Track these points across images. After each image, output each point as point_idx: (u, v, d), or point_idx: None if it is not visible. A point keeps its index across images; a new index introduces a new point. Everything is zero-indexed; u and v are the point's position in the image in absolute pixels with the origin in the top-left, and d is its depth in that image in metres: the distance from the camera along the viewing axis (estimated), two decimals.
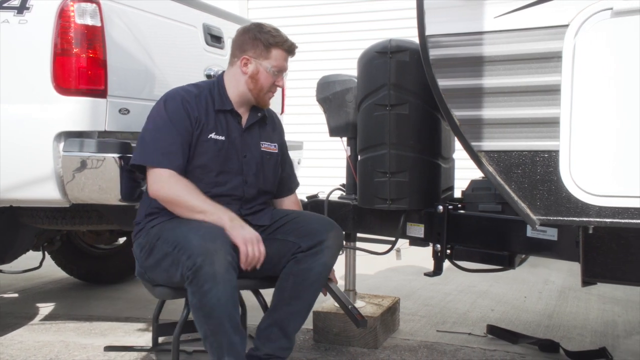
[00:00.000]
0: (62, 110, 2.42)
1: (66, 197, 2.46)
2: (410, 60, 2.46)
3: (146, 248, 2.14)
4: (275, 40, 2.23)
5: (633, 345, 2.80)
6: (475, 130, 1.91)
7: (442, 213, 2.53)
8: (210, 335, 1.96)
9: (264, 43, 2.23)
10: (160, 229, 2.12)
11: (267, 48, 2.23)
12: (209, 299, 1.90)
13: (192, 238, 1.94)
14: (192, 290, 1.92)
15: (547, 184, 1.82)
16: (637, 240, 2.02)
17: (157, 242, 2.09)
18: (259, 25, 2.27)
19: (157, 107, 2.22)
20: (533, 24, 1.79)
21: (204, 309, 1.92)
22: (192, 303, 1.95)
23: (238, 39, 2.30)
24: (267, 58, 2.24)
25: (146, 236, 2.16)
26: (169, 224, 2.11)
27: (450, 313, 3.29)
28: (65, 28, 2.39)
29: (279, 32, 2.27)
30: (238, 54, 2.27)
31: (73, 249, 4.06)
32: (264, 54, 2.23)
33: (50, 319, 3.26)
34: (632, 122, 1.70)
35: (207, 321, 1.94)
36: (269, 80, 2.26)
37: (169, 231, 2.06)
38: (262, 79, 2.25)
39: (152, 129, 2.17)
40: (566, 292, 3.78)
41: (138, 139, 2.22)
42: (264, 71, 2.24)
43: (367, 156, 2.60)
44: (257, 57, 2.23)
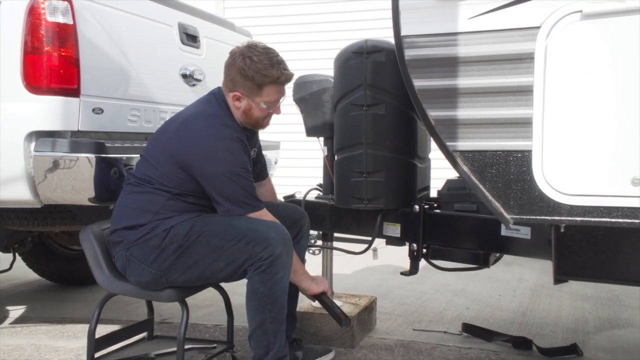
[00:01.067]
0: (34, 110, 2.38)
1: (38, 198, 2.41)
2: (387, 61, 2.47)
3: (171, 249, 2.08)
4: (265, 81, 2.14)
5: (602, 341, 2.86)
6: (450, 130, 1.93)
7: (418, 212, 2.55)
8: (269, 322, 2.09)
9: (254, 81, 2.14)
10: (195, 227, 2.09)
11: (259, 87, 2.15)
12: (280, 286, 2.08)
13: (265, 230, 2.07)
14: (262, 278, 2.05)
15: (521, 184, 1.85)
16: (606, 238, 2.07)
17: (197, 239, 2.08)
18: (249, 58, 2.13)
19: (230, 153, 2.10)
20: (506, 26, 1.82)
21: (272, 296, 2.07)
22: (258, 291, 2.06)
23: (228, 69, 2.20)
24: (260, 95, 2.17)
25: (167, 237, 2.10)
26: (208, 221, 2.11)
27: (427, 312, 3.32)
28: (36, 26, 2.35)
29: (270, 66, 2.13)
30: (230, 87, 2.19)
31: (45, 250, 3.98)
32: (255, 92, 2.16)
33: (21, 321, 3.20)
34: (602, 122, 1.74)
35: (271, 308, 2.08)
36: (263, 114, 2.23)
37: (222, 227, 2.08)
38: (256, 114, 2.21)
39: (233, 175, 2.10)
40: (539, 290, 3.84)
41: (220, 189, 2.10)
42: (256, 107, 2.19)
43: (343, 156, 2.60)
44: (249, 94, 2.17)
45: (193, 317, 3.17)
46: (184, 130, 2.14)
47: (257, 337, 2.14)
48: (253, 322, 2.13)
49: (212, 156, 2.09)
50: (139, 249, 2.13)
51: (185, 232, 2.10)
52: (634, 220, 1.73)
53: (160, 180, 2.15)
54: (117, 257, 2.20)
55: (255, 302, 2.10)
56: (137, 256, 2.14)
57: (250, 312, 2.13)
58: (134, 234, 2.14)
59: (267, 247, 2.04)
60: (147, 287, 2.18)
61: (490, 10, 1.83)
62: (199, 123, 2.15)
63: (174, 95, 3.02)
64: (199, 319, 3.15)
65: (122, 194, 2.26)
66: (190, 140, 2.12)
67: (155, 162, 2.17)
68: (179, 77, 3.05)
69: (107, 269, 2.22)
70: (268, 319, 2.10)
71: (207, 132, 2.12)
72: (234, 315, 2.47)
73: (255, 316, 2.12)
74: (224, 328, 2.90)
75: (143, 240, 2.13)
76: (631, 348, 2.77)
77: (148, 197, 2.16)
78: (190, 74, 3.07)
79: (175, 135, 2.16)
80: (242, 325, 3.01)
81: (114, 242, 2.21)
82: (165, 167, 2.15)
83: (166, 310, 3.35)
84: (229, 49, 3.57)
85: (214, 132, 2.12)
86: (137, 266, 2.14)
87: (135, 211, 2.16)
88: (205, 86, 3.23)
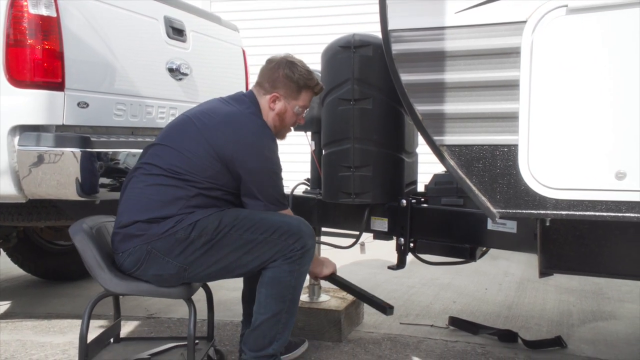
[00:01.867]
0: (17, 103, 2.35)
1: (22, 193, 2.39)
2: (374, 55, 2.47)
3: (200, 242, 2.08)
4: (308, 84, 2.30)
5: (586, 334, 2.89)
6: (437, 124, 1.93)
7: (406, 207, 2.56)
8: (284, 312, 2.15)
9: (297, 84, 2.28)
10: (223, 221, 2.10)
11: (299, 89, 2.29)
12: (303, 278, 2.19)
13: (297, 223, 2.16)
14: (291, 268, 2.12)
15: (507, 178, 1.86)
16: (591, 232, 2.08)
17: (229, 232, 2.10)
18: (292, 64, 2.29)
19: (273, 151, 2.23)
20: (492, 20, 1.82)
21: (297, 287, 2.15)
22: (283, 280, 2.12)
23: (268, 73, 2.30)
24: (296, 99, 2.31)
25: (194, 231, 2.08)
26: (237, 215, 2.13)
27: (414, 305, 3.34)
28: (18, 18, 2.32)
29: (311, 73, 2.32)
30: (268, 89, 2.29)
31: (31, 245, 3.95)
32: (294, 95, 2.30)
33: (6, 317, 3.17)
34: (587, 117, 1.75)
35: (291, 298, 2.15)
36: (293, 119, 2.35)
37: (253, 220, 2.13)
38: (288, 117, 2.33)
39: (273, 173, 2.24)
40: (525, 284, 3.88)
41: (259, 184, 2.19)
42: (291, 110, 2.31)
43: (331, 150, 2.60)
44: (287, 96, 2.29)
45: (180, 312, 3.17)
46: (230, 126, 2.18)
47: (267, 327, 2.14)
48: (268, 311, 2.14)
49: (260, 153, 2.18)
50: (164, 242, 2.08)
51: (215, 226, 2.10)
52: (617, 213, 1.74)
53: (192, 171, 2.13)
54: (132, 252, 2.10)
55: (276, 290, 2.13)
56: (160, 249, 2.08)
57: (267, 301, 2.13)
58: (158, 227, 2.08)
59: (300, 239, 2.12)
60: (165, 282, 2.12)
61: (477, 4, 1.84)
62: (245, 120, 2.21)
63: (160, 89, 3.00)
64: (186, 314, 3.13)
65: (138, 184, 2.16)
66: (239, 135, 2.16)
67: (190, 153, 2.15)
68: (165, 71, 3.03)
69: (108, 269, 2.11)
70: (285, 309, 2.14)
71: (256, 130, 2.20)
72: (215, 311, 2.45)
73: (272, 305, 2.13)
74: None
75: (169, 234, 2.08)
76: (614, 340, 2.81)
77: (174, 190, 2.12)
78: (176, 68, 3.05)
79: (219, 129, 2.18)
80: (229, 320, 3.01)
81: (127, 236, 2.10)
82: (202, 159, 2.14)
83: (153, 305, 3.34)
84: (215, 43, 3.58)
85: (262, 132, 2.22)
86: (160, 259, 2.08)
87: (160, 203, 2.11)
88: (192, 80, 3.21)
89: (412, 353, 2.61)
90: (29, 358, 2.55)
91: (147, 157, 2.21)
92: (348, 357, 2.56)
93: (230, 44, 3.70)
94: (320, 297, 2.89)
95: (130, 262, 2.11)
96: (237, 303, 3.18)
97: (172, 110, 3.08)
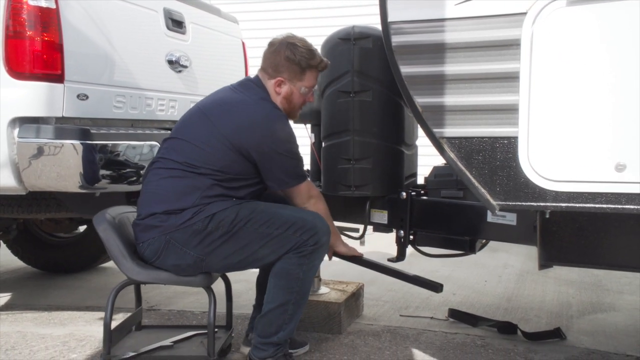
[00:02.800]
0: (17, 95, 2.35)
1: (22, 185, 2.39)
2: (374, 47, 2.47)
3: (217, 234, 2.11)
4: (310, 63, 2.28)
5: (585, 325, 2.90)
6: (437, 117, 1.93)
7: (405, 199, 2.56)
8: (291, 304, 2.18)
9: (300, 65, 2.27)
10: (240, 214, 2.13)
11: (302, 70, 2.28)
12: (313, 272, 2.21)
13: (312, 219, 2.18)
14: (301, 262, 2.15)
15: (507, 170, 1.86)
16: (590, 224, 2.09)
17: (245, 226, 2.13)
18: (293, 45, 2.27)
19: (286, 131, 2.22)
20: (492, 12, 1.81)
21: (305, 280, 2.18)
22: (292, 272, 2.16)
23: (271, 57, 2.30)
24: (301, 80, 2.29)
25: (211, 222, 2.11)
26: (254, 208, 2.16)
27: (413, 298, 3.35)
28: (17, 10, 2.31)
29: (313, 52, 2.29)
30: (272, 73, 2.29)
31: (31, 237, 3.96)
32: (299, 76, 2.29)
33: (6, 309, 3.18)
34: (586, 109, 1.75)
35: (299, 290, 2.18)
36: (301, 100, 2.34)
37: (269, 215, 2.16)
38: (295, 99, 2.32)
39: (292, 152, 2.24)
40: (524, 276, 3.89)
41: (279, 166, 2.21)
42: (297, 92, 2.30)
43: (331, 143, 2.60)
44: (292, 79, 2.28)
45: (181, 304, 3.18)
46: (242, 114, 2.20)
47: (273, 315, 2.19)
48: (276, 300, 2.18)
49: (274, 135, 2.18)
50: (182, 233, 2.13)
51: (232, 219, 2.13)
52: (617, 205, 1.74)
53: (207, 163, 2.16)
54: (151, 242, 2.15)
55: (285, 282, 2.17)
56: (179, 240, 2.13)
57: (275, 291, 2.18)
58: (177, 218, 2.13)
59: (314, 235, 2.14)
60: (183, 272, 2.17)
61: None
62: (255, 107, 2.22)
63: (159, 81, 3.00)
64: (186, 306, 3.15)
65: (155, 177, 2.22)
66: (250, 122, 2.18)
67: (203, 144, 2.18)
68: (165, 63, 3.02)
69: (131, 257, 2.17)
70: (292, 301, 2.18)
71: (266, 115, 2.21)
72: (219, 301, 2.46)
73: (280, 295, 2.18)
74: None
75: (186, 225, 2.12)
76: (613, 331, 2.82)
77: (189, 182, 2.16)
78: (176, 60, 3.05)
79: (230, 118, 2.20)
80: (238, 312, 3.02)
81: (147, 226, 2.16)
82: (216, 149, 2.16)
83: (153, 297, 3.35)
84: (215, 34, 3.57)
85: (272, 114, 2.22)
86: (179, 250, 2.13)
87: (176, 195, 2.15)
88: (191, 72, 3.21)
89: (411, 345, 2.62)
90: (29, 349, 2.56)
91: (163, 151, 2.26)
92: (348, 349, 2.57)
93: (229, 35, 3.70)
94: (320, 290, 2.90)
95: (151, 252, 2.17)
96: (241, 294, 3.21)
97: (171, 103, 3.07)
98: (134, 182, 2.60)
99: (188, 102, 3.18)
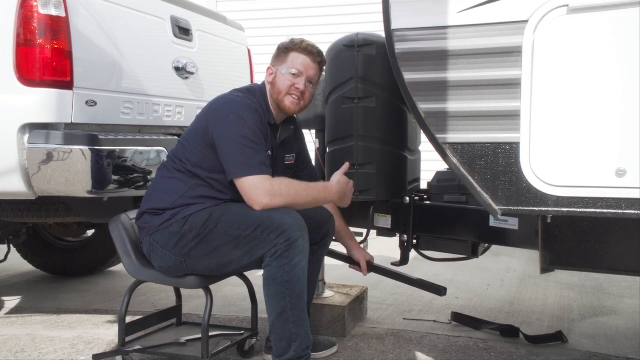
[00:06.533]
0: (27, 102, 2.39)
1: (32, 190, 2.43)
2: (377, 54, 2.50)
3: (190, 236, 2.14)
4: (290, 45, 2.33)
5: (587, 328, 2.92)
6: (440, 122, 1.96)
7: (409, 204, 2.59)
8: (289, 309, 2.10)
9: (281, 50, 2.35)
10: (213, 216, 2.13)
11: (284, 53, 2.33)
12: (297, 271, 2.08)
13: (280, 217, 2.07)
14: (280, 263, 2.06)
15: (509, 175, 1.88)
16: (591, 228, 2.11)
17: (215, 228, 2.12)
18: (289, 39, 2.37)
19: (237, 120, 2.16)
20: (494, 20, 1.84)
21: (291, 281, 2.07)
22: (276, 277, 2.07)
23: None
24: (284, 62, 2.33)
25: (186, 224, 2.14)
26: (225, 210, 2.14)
27: (417, 301, 3.37)
28: (28, 18, 2.36)
29: (302, 40, 2.35)
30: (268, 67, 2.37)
31: (40, 241, 4.00)
32: (282, 59, 2.34)
33: (16, 312, 3.22)
34: (587, 115, 1.78)
35: (290, 293, 2.09)
36: (286, 83, 2.30)
37: (238, 216, 2.11)
38: (280, 82, 2.31)
39: (244, 138, 2.14)
40: (526, 280, 3.90)
41: (226, 152, 2.13)
42: (280, 74, 2.32)
43: (335, 148, 2.63)
44: (277, 64, 2.34)
45: (187, 307, 3.21)
46: (213, 104, 2.29)
47: (279, 328, 2.12)
48: (274, 312, 2.12)
49: (227, 118, 2.17)
50: (161, 235, 2.18)
51: (204, 220, 2.14)
52: (617, 210, 1.76)
53: (188, 158, 2.22)
54: (143, 243, 2.26)
55: (274, 289, 2.09)
56: (159, 242, 2.19)
57: (269, 301, 2.12)
58: (158, 219, 2.20)
59: (283, 232, 2.06)
60: (170, 273, 2.22)
61: (479, 4, 1.86)
62: (227, 96, 2.29)
63: (167, 87, 3.04)
64: (193, 309, 3.18)
65: (155, 178, 2.37)
66: (214, 108, 2.25)
67: (188, 142, 2.26)
68: (172, 69, 3.06)
69: (135, 257, 2.27)
70: (288, 306, 2.10)
71: (228, 99, 2.26)
72: (221, 306, 2.51)
73: (275, 304, 2.11)
74: (216, 318, 2.94)
75: (165, 227, 2.18)
76: (614, 335, 2.84)
77: (174, 182, 2.22)
78: (183, 66, 3.09)
79: (205, 111, 2.29)
80: (234, 315, 3.06)
81: (139, 227, 2.28)
82: (195, 144, 2.22)
83: (160, 301, 3.38)
84: (221, 42, 3.62)
85: (233, 99, 2.25)
86: (160, 252, 2.20)
87: (160, 194, 2.23)
88: (198, 79, 3.25)
89: (415, 348, 2.64)
90: (38, 352, 2.60)
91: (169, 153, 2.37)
92: (352, 352, 2.59)
93: (235, 43, 3.74)
94: (324, 293, 2.93)
95: (145, 253, 2.26)
96: (243, 299, 3.23)
97: (178, 109, 3.11)
98: (141, 187, 2.64)
99: (195, 108, 3.22)
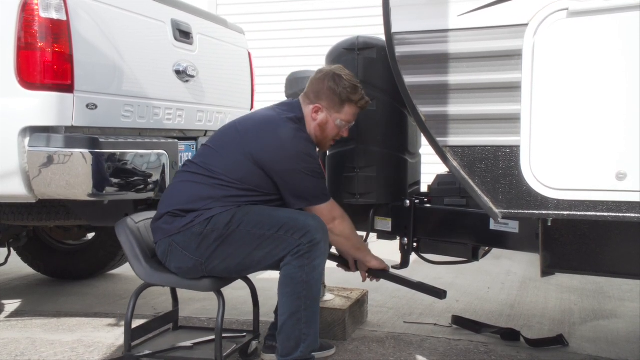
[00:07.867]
0: (28, 105, 2.39)
1: (32, 193, 2.43)
2: (378, 57, 2.50)
3: (213, 237, 2.14)
4: (351, 98, 2.31)
5: (587, 332, 2.92)
6: (440, 125, 1.96)
7: (409, 207, 2.59)
8: (303, 310, 2.13)
9: (340, 97, 2.30)
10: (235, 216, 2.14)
11: (341, 102, 2.31)
12: (317, 273, 2.14)
13: (304, 219, 2.15)
14: (300, 263, 2.11)
15: (509, 178, 1.88)
16: (592, 231, 2.11)
17: (237, 228, 2.14)
18: (338, 76, 2.31)
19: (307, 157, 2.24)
20: (494, 23, 1.85)
21: (309, 282, 2.12)
22: (295, 276, 2.11)
23: (316, 84, 2.35)
24: (339, 112, 2.33)
25: (209, 225, 2.15)
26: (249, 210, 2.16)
27: (417, 305, 3.36)
28: (29, 22, 2.36)
29: (356, 87, 2.32)
30: (312, 99, 2.34)
31: (40, 245, 4.00)
32: (337, 107, 2.32)
33: (16, 315, 3.22)
34: (587, 118, 1.78)
35: (306, 294, 2.12)
36: (335, 132, 2.36)
37: (262, 216, 2.15)
38: (329, 129, 2.35)
39: (313, 171, 2.25)
40: (527, 283, 3.90)
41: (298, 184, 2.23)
42: (332, 122, 2.33)
43: (335, 151, 2.64)
44: (330, 108, 2.32)
45: (187, 310, 3.21)
46: (265, 130, 2.25)
47: (289, 328, 2.14)
48: (287, 311, 2.14)
49: (292, 156, 2.21)
50: (182, 237, 2.18)
51: (227, 221, 2.15)
52: (618, 214, 1.77)
53: (226, 172, 2.21)
54: (160, 244, 2.24)
55: (291, 289, 2.12)
56: (180, 243, 2.18)
57: (284, 300, 2.14)
58: (180, 221, 2.19)
59: (307, 233, 2.10)
60: (186, 275, 2.22)
61: (479, 7, 1.86)
62: (280, 124, 2.25)
63: (167, 91, 3.04)
64: (193, 313, 3.18)
65: (176, 180, 2.32)
66: (272, 139, 2.22)
67: (226, 154, 2.25)
68: (172, 73, 3.07)
69: (145, 260, 2.26)
70: (303, 307, 2.12)
71: (288, 134, 2.23)
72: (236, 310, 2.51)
73: (289, 304, 2.13)
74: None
75: (186, 228, 2.17)
76: (615, 338, 2.83)
77: (204, 188, 2.21)
78: (183, 70, 3.09)
79: (255, 133, 2.25)
80: (234, 319, 3.05)
81: (156, 228, 2.25)
82: (237, 161, 2.22)
83: (160, 304, 3.38)
84: (221, 45, 3.62)
85: (294, 135, 2.23)
86: (179, 253, 2.19)
87: (188, 198, 2.22)
88: (198, 82, 3.25)
89: (415, 351, 2.64)
90: (38, 356, 2.59)
91: (194, 157, 2.37)
92: (352, 355, 2.59)
93: (236, 46, 3.74)
94: (325, 296, 2.93)
95: (160, 254, 2.25)
96: (244, 302, 3.23)
97: (178, 112, 3.12)
98: (142, 190, 2.64)
99: (195, 111, 3.22)
